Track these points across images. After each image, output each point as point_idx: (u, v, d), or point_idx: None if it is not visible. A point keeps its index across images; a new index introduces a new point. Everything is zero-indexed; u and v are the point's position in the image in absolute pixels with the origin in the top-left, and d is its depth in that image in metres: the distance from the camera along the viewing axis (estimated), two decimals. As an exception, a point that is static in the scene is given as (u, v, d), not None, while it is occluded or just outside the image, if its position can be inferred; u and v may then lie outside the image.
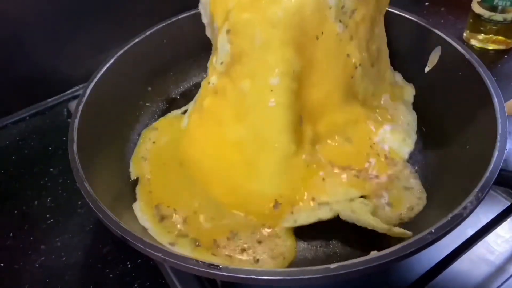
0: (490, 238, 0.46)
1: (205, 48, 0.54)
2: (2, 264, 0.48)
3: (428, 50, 0.55)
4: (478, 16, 0.69)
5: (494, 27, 0.69)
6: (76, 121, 0.46)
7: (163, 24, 0.59)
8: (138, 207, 0.47)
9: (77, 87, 0.71)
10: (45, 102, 0.69)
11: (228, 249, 0.43)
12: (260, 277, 0.32)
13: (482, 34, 0.71)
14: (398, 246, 0.33)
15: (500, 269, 0.45)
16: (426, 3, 0.85)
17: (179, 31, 0.60)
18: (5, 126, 0.66)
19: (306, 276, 0.32)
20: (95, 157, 0.46)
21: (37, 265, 0.48)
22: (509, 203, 0.48)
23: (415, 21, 0.56)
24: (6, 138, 0.64)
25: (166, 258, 0.33)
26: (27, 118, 0.67)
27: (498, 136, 0.40)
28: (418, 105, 0.56)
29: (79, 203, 0.54)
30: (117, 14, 0.70)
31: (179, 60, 0.62)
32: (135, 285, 0.45)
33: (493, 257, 0.46)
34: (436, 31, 0.54)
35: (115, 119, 0.53)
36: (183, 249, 0.42)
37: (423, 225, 0.36)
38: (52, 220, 0.53)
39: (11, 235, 0.51)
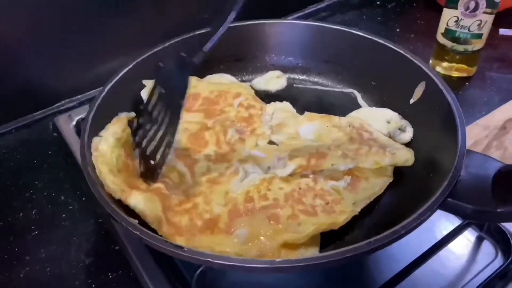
0: (443, 253, 0.51)
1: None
2: (-12, 274, 0.51)
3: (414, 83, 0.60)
4: (442, 46, 0.75)
5: (456, 57, 0.75)
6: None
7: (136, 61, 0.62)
8: None
9: (63, 101, 0.74)
10: (31, 116, 0.71)
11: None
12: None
13: (446, 62, 0.77)
14: (386, 232, 0.40)
15: (451, 284, 0.50)
16: (397, 29, 0.90)
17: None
18: (-9, 138, 0.68)
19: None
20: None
21: (22, 276, 0.51)
22: (460, 222, 0.53)
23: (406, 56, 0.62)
24: (-8, 150, 0.67)
25: (214, 261, 0.38)
26: (13, 131, 0.70)
27: (453, 169, 0.45)
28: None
29: (63, 215, 0.57)
30: (104, 33, 0.73)
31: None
32: (116, 295, 0.48)
33: (445, 272, 0.50)
34: (422, 66, 0.59)
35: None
36: None
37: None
38: (37, 232, 0.55)
39: (-4, 246, 0.54)
